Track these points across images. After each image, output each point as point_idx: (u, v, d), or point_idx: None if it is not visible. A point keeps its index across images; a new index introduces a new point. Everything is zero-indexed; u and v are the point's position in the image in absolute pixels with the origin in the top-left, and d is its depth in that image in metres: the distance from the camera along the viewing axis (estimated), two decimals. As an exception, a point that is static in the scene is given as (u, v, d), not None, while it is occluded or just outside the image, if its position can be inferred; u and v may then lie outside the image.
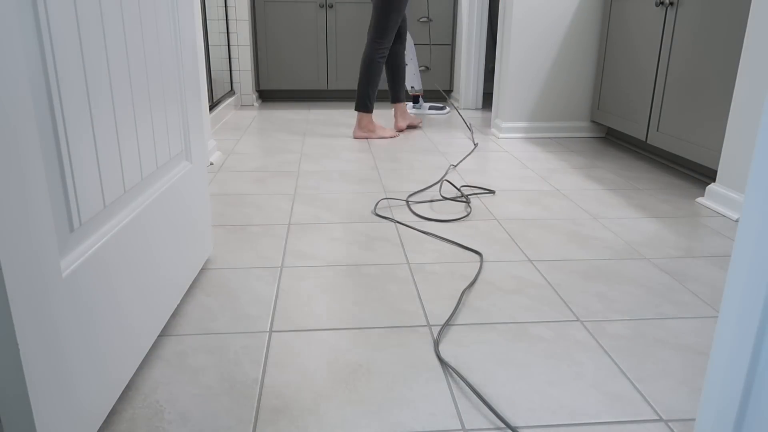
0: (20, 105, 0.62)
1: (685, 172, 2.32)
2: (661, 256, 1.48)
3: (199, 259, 1.30)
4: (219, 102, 3.38)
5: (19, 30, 0.62)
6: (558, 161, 2.48)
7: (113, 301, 0.85)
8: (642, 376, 0.98)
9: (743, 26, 1.84)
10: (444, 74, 4.14)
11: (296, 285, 1.30)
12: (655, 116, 2.34)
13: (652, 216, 1.79)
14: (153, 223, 1.01)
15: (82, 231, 0.77)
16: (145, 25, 0.97)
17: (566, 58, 2.90)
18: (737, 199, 1.79)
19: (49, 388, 0.67)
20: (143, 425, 0.85)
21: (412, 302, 1.23)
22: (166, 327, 1.11)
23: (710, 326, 1.15)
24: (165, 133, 1.08)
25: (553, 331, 1.12)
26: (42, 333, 0.66)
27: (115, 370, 0.86)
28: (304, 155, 2.54)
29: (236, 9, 3.74)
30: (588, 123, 3.01)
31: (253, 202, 1.89)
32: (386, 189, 2.04)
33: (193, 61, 1.23)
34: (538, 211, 1.82)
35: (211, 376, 0.97)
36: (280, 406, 0.90)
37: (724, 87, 1.94)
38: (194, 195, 1.26)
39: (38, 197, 0.65)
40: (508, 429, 0.85)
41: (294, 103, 4.09)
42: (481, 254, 1.46)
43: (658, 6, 2.30)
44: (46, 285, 0.67)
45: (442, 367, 1.00)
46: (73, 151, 0.73)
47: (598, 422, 0.87)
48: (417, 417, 0.88)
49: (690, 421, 0.88)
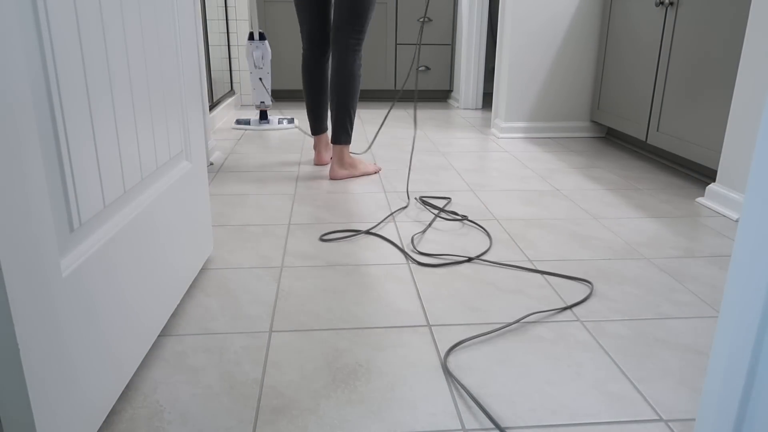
0: (20, 105, 0.62)
1: (685, 172, 2.32)
2: (661, 256, 1.48)
3: (199, 259, 1.30)
4: (219, 102, 3.38)
5: (19, 30, 0.62)
6: (558, 161, 2.48)
7: (113, 301, 0.85)
8: (642, 376, 0.98)
9: (743, 26, 1.84)
10: (444, 74, 4.14)
11: (296, 285, 1.30)
12: (655, 116, 2.34)
13: (652, 216, 1.79)
14: (153, 222, 1.01)
15: (82, 231, 0.77)
16: (145, 25, 0.97)
17: (566, 58, 2.90)
18: (737, 199, 1.79)
19: (49, 388, 0.67)
20: (143, 425, 0.85)
21: (412, 302, 1.23)
22: (166, 327, 1.11)
23: (710, 326, 1.15)
24: (165, 132, 1.08)
25: (553, 331, 1.12)
26: (42, 333, 0.66)
27: (115, 370, 0.86)
28: (304, 155, 2.54)
29: (236, 9, 3.74)
30: (588, 123, 3.01)
31: (253, 202, 1.89)
32: (386, 189, 2.04)
33: (193, 61, 1.23)
34: (538, 211, 1.82)
35: (211, 376, 0.97)
36: (280, 406, 0.90)
37: (724, 87, 1.93)
38: (194, 195, 1.26)
39: (38, 197, 0.65)
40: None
41: (294, 103, 4.09)
42: (591, 283, 1.32)
43: (658, 6, 2.30)
44: (46, 285, 0.67)
45: (442, 367, 1.00)
46: (73, 151, 0.73)
47: (598, 422, 0.87)
48: (417, 417, 0.87)
49: (690, 421, 0.88)
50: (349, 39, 2.04)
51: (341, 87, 2.07)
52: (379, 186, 2.07)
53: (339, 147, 2.12)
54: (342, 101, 2.08)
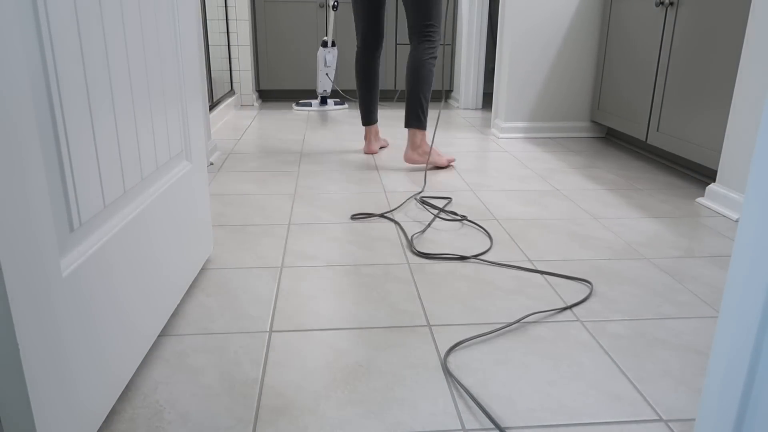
0: (20, 105, 0.62)
1: (685, 172, 2.32)
2: (661, 256, 1.48)
3: (199, 259, 1.30)
4: (219, 102, 3.38)
5: (19, 30, 0.62)
6: (558, 161, 2.48)
7: (113, 301, 0.85)
8: (642, 376, 0.98)
9: (743, 26, 1.84)
10: (444, 74, 4.13)
11: (296, 285, 1.30)
12: (655, 116, 2.34)
13: (652, 216, 1.79)
14: (153, 223, 1.01)
15: (82, 231, 0.77)
16: (146, 25, 0.97)
17: (566, 58, 2.90)
18: (737, 199, 1.79)
19: (49, 388, 0.67)
20: (143, 425, 0.85)
21: (412, 302, 1.23)
22: (166, 327, 1.11)
23: (710, 326, 1.15)
24: (165, 132, 1.08)
25: (553, 331, 1.12)
26: (42, 333, 0.66)
27: (115, 370, 0.86)
28: (304, 155, 2.54)
29: (236, 9, 3.74)
30: (588, 123, 3.01)
31: (253, 202, 1.89)
32: (386, 189, 2.04)
33: (194, 61, 1.23)
34: (538, 211, 1.82)
35: (211, 376, 0.97)
36: (280, 406, 0.90)
37: (724, 87, 1.94)
38: (194, 195, 1.26)
39: (38, 197, 0.65)
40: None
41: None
42: (591, 283, 1.32)
43: (658, 6, 2.30)
44: (46, 285, 0.67)
45: (442, 367, 1.00)
46: (73, 151, 0.73)
47: (598, 422, 0.87)
48: (417, 417, 0.87)
49: (690, 421, 0.88)
50: (423, 31, 2.20)
51: (415, 76, 2.22)
52: (380, 186, 2.07)
53: (412, 131, 2.25)
54: (414, 89, 2.22)
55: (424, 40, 2.20)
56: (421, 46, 2.20)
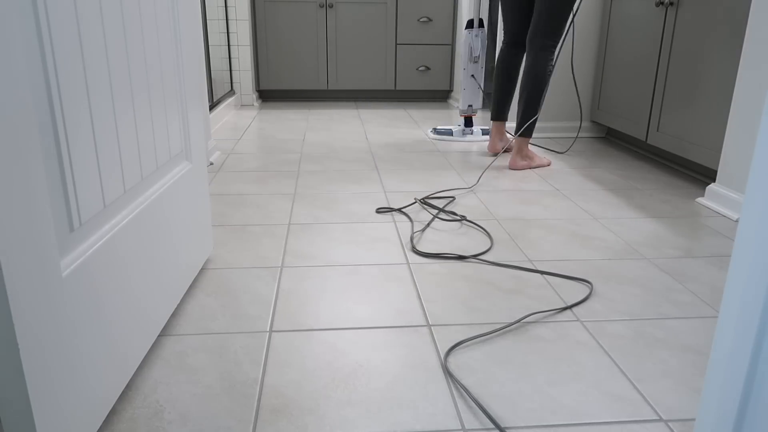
0: (20, 105, 0.62)
1: (685, 172, 2.32)
2: (661, 256, 1.48)
3: (199, 259, 1.30)
4: (219, 102, 3.38)
5: (19, 30, 0.62)
6: (558, 161, 2.48)
7: (113, 301, 0.85)
8: (642, 376, 0.98)
9: (743, 26, 1.84)
10: (444, 74, 4.14)
11: (296, 285, 1.30)
12: (655, 116, 2.34)
13: (652, 216, 1.79)
14: (153, 223, 1.01)
15: (82, 231, 0.77)
16: (146, 25, 0.97)
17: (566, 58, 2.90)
18: (737, 199, 1.79)
19: (49, 388, 0.67)
20: (143, 425, 0.85)
21: (412, 302, 1.23)
22: (166, 327, 1.11)
23: (710, 326, 1.15)
24: (165, 132, 1.08)
25: (553, 331, 1.12)
26: (42, 333, 0.66)
27: (114, 370, 0.86)
28: (304, 155, 2.54)
29: (236, 9, 3.74)
30: (588, 123, 3.01)
31: (253, 202, 1.89)
32: (386, 189, 2.04)
33: (194, 61, 1.23)
34: (538, 211, 1.82)
35: (211, 375, 0.97)
36: (280, 406, 0.90)
37: (724, 87, 1.93)
38: (194, 195, 1.26)
39: (38, 197, 0.65)
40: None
41: (294, 103, 4.09)
42: (591, 283, 1.32)
43: (658, 6, 2.30)
44: (46, 285, 0.67)
45: (442, 367, 1.00)
46: (73, 151, 0.73)
47: (598, 422, 0.87)
48: (417, 417, 0.87)
49: (690, 421, 0.88)
50: (544, 41, 2.20)
51: (531, 86, 2.24)
52: (380, 186, 2.07)
53: (521, 140, 2.30)
54: (530, 99, 2.25)
55: (547, 48, 2.21)
56: (542, 54, 2.21)
